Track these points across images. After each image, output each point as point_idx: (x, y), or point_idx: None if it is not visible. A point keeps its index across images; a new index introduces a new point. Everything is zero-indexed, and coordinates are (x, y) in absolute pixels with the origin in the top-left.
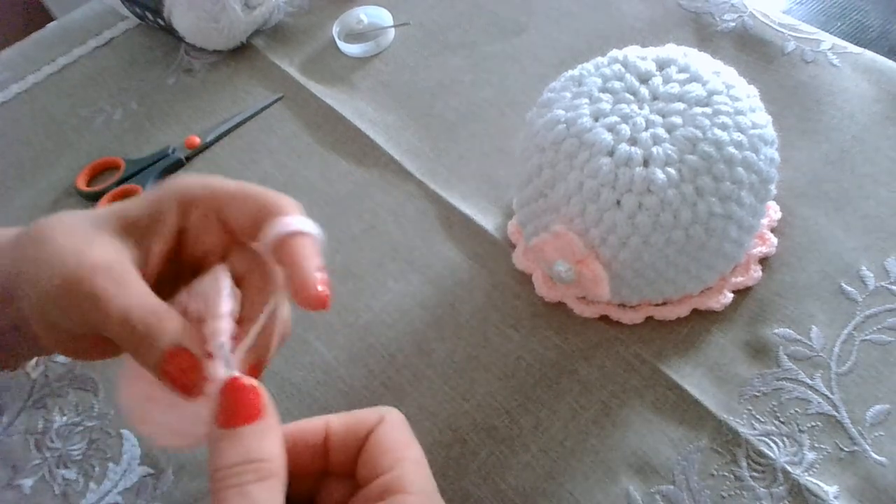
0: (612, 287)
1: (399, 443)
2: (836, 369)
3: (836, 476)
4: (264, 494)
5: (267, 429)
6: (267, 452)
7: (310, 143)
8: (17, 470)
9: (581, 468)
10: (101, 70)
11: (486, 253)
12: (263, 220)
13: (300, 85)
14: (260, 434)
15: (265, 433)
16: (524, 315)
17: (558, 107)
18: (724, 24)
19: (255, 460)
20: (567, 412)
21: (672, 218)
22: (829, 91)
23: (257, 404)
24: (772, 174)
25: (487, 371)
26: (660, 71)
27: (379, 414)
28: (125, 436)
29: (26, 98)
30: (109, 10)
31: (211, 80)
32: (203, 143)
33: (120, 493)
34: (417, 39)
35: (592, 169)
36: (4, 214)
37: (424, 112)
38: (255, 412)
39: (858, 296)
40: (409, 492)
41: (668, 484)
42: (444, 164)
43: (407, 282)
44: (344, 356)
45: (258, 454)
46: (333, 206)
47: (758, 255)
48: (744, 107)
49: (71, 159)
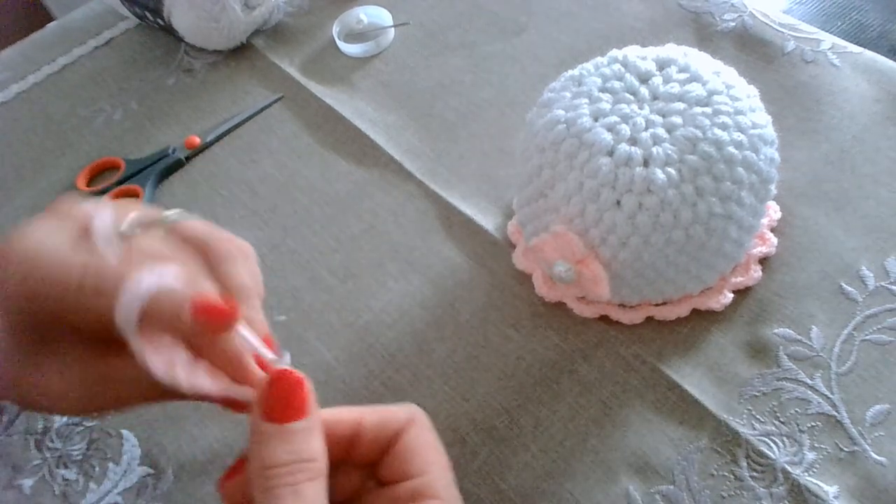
0: (612, 287)
1: (430, 447)
2: (836, 369)
3: (835, 476)
4: (317, 493)
5: (315, 426)
6: (315, 451)
7: (310, 143)
8: (17, 470)
9: (581, 468)
10: (101, 70)
11: (486, 253)
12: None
13: (300, 85)
14: (308, 431)
15: (313, 431)
16: (524, 315)
17: (558, 107)
18: (724, 23)
19: (306, 459)
20: (567, 412)
21: (672, 218)
22: (830, 91)
23: (306, 400)
24: (772, 174)
25: (487, 371)
26: (660, 71)
27: (409, 412)
28: (125, 436)
29: (26, 98)
30: (109, 10)
31: (211, 80)
32: (203, 143)
33: (120, 493)
34: (417, 39)
35: (592, 169)
36: (5, 214)
37: (424, 112)
38: (304, 408)
39: (858, 296)
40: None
41: (668, 484)
42: (444, 164)
43: (407, 282)
44: (344, 356)
45: (309, 453)
46: (333, 206)
47: (758, 255)
48: (744, 107)
49: (71, 159)
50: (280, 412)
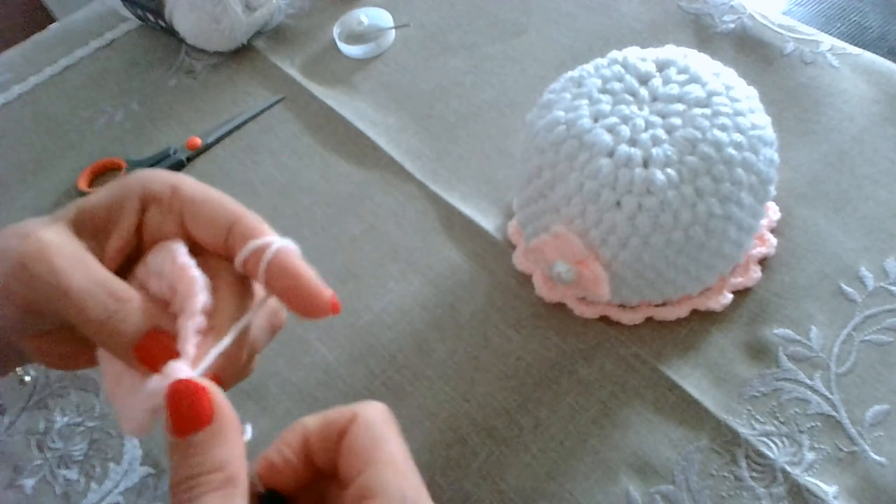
0: (611, 288)
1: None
2: (836, 370)
3: (835, 476)
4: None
5: (218, 433)
6: (219, 460)
7: (310, 144)
8: (18, 470)
9: (581, 468)
10: (102, 71)
11: (487, 254)
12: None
13: (301, 86)
14: (211, 440)
15: (216, 438)
16: (524, 315)
17: (558, 108)
18: (724, 25)
19: (206, 471)
20: (567, 412)
21: (672, 219)
22: (829, 92)
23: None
24: (771, 175)
25: (487, 371)
26: (659, 72)
27: (352, 412)
28: (126, 436)
29: (28, 99)
30: (111, 11)
31: (212, 81)
32: (204, 144)
33: (121, 493)
34: (418, 41)
35: (592, 170)
36: (6, 215)
37: (425, 113)
38: (203, 417)
39: (858, 296)
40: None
41: (668, 484)
42: (445, 165)
43: (407, 282)
44: (344, 356)
45: (210, 464)
46: (334, 207)
47: (757, 256)
48: (743, 108)
49: (72, 160)
50: (182, 424)
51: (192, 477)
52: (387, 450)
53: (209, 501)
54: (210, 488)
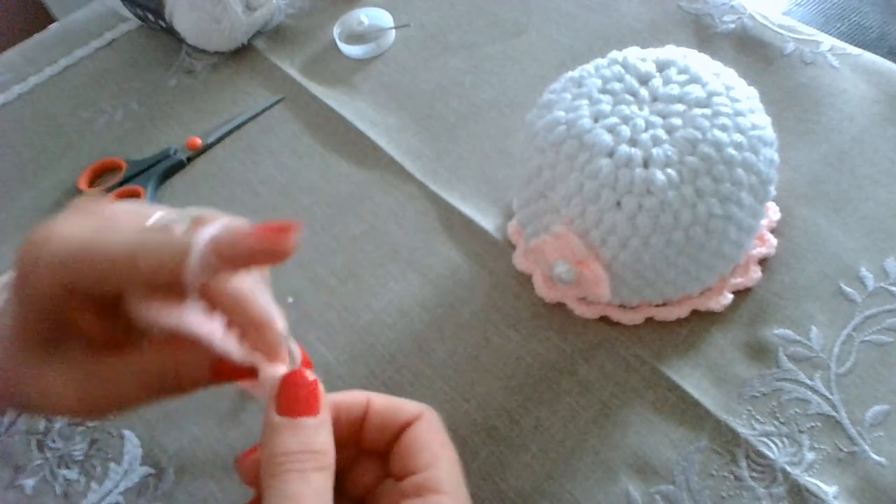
0: (612, 288)
1: (436, 442)
2: (836, 370)
3: (835, 476)
4: (323, 483)
5: (324, 424)
6: (322, 445)
7: (310, 144)
8: (18, 470)
9: (581, 468)
10: (102, 71)
11: (487, 254)
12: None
13: (301, 86)
14: (317, 427)
15: (321, 427)
16: (524, 316)
17: (558, 108)
18: (724, 25)
19: (315, 451)
20: (567, 412)
21: (672, 219)
22: (829, 92)
23: (317, 398)
24: (771, 175)
25: (487, 371)
26: (660, 72)
27: (419, 408)
28: (126, 436)
29: (28, 99)
30: (111, 11)
31: (212, 81)
32: (204, 144)
33: (121, 493)
34: (418, 41)
35: (592, 170)
36: (6, 215)
37: (425, 113)
38: (315, 405)
39: (858, 297)
40: (444, 492)
41: (668, 484)
42: (445, 165)
43: (407, 282)
44: (344, 356)
45: (318, 445)
46: (334, 207)
47: (757, 256)
48: (743, 108)
49: (72, 160)
50: (292, 408)
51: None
52: (451, 451)
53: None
54: (317, 465)
